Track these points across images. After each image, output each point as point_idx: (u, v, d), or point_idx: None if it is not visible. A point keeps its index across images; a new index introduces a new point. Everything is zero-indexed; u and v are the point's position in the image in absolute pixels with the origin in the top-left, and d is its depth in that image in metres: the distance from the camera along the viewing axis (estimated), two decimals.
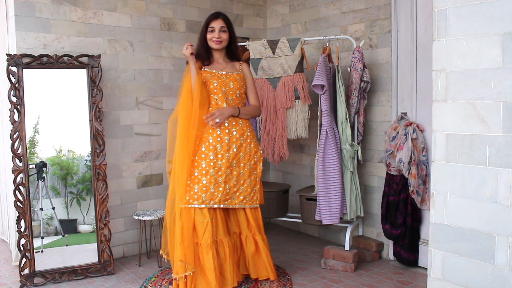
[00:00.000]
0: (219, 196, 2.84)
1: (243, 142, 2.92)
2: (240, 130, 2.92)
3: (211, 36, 2.91)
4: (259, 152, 3.02)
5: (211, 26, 2.91)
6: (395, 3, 3.43)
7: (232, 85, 2.93)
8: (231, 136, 2.88)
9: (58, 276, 3.18)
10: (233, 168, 2.90)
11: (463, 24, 1.93)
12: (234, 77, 2.95)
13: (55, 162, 3.31)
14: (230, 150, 2.88)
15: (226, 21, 2.93)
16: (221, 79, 2.91)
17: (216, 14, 2.95)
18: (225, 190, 2.87)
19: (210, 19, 2.93)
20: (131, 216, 3.72)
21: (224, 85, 2.91)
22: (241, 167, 2.92)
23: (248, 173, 2.95)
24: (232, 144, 2.88)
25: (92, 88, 3.31)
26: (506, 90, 1.81)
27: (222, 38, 2.91)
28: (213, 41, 2.91)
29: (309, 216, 3.60)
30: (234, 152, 2.89)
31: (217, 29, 2.90)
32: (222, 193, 2.85)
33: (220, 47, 2.94)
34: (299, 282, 3.17)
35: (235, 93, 2.93)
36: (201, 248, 2.79)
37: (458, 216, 2.00)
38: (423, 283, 3.03)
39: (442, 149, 2.04)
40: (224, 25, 2.91)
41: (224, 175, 2.86)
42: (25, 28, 3.20)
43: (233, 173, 2.90)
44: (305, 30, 4.21)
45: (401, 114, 3.39)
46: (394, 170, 3.33)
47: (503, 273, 1.85)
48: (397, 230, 3.33)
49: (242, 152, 2.92)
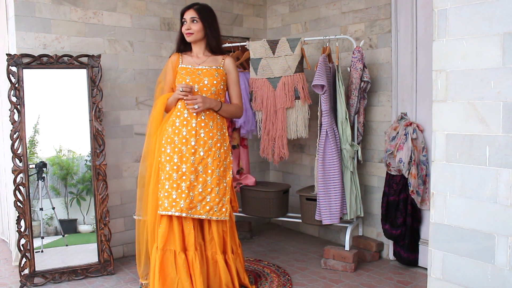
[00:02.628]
0: (180, 203, 2.57)
1: (212, 146, 2.66)
2: (209, 133, 2.66)
3: (183, 29, 2.70)
4: (229, 158, 2.76)
5: (184, 18, 2.69)
6: (395, 3, 3.43)
7: (207, 81, 2.67)
8: (198, 138, 2.63)
9: (58, 276, 3.18)
10: (199, 174, 2.63)
11: (463, 24, 1.93)
12: (210, 73, 2.69)
13: (55, 162, 3.31)
14: (196, 154, 2.63)
15: (198, 11, 2.67)
16: (195, 75, 2.68)
17: (189, 5, 2.72)
18: (189, 198, 2.59)
19: (183, 10, 2.72)
20: (131, 216, 3.72)
21: (198, 82, 2.66)
22: (208, 173, 2.65)
23: (216, 181, 2.66)
24: (199, 147, 2.63)
25: (92, 88, 3.31)
26: (506, 90, 1.81)
27: (193, 29, 2.66)
28: (185, 33, 2.69)
29: (309, 216, 3.60)
30: (201, 157, 2.63)
31: (188, 20, 2.67)
32: (185, 200, 2.58)
33: (191, 39, 2.70)
34: (299, 282, 3.17)
35: (209, 89, 2.67)
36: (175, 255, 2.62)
37: (458, 216, 2.00)
38: (423, 283, 3.03)
39: (442, 149, 2.04)
40: (196, 16, 2.65)
41: (188, 181, 2.60)
42: (25, 28, 3.20)
43: (198, 180, 2.63)
44: (305, 30, 4.21)
45: (401, 114, 3.39)
46: (394, 170, 3.33)
47: (503, 273, 1.85)
48: (397, 230, 3.33)
49: (210, 157, 2.66)
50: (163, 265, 2.61)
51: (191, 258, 2.64)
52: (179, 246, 2.62)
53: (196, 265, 2.64)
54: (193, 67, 2.72)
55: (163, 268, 2.61)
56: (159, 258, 2.60)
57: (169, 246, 2.63)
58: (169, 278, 2.62)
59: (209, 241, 2.75)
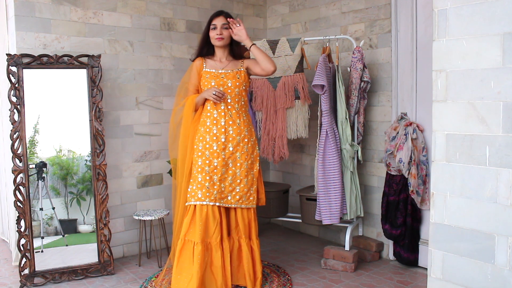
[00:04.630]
0: (214, 193, 2.84)
1: (240, 142, 2.93)
2: (237, 130, 2.92)
3: (213, 34, 2.93)
4: (256, 152, 3.02)
5: (213, 23, 2.93)
6: (395, 3, 3.43)
7: (230, 83, 2.93)
8: (227, 135, 2.89)
9: (58, 276, 3.18)
10: (228, 167, 2.90)
11: (463, 24, 1.93)
12: (233, 75, 2.95)
13: (55, 162, 3.31)
14: (226, 149, 2.89)
15: (228, 19, 2.94)
16: (219, 78, 2.93)
17: (218, 12, 2.98)
18: (220, 189, 2.87)
19: (213, 17, 2.96)
20: (131, 216, 3.72)
21: (222, 84, 2.92)
22: (237, 166, 2.92)
23: (245, 173, 2.94)
24: (228, 143, 2.90)
25: (92, 88, 3.31)
26: (506, 90, 1.82)
27: (224, 35, 2.92)
28: (216, 38, 2.92)
29: (309, 216, 3.60)
30: (230, 151, 2.90)
31: (219, 26, 2.92)
32: (217, 191, 2.85)
33: (222, 44, 2.94)
34: (299, 282, 3.17)
35: (233, 91, 2.93)
36: (211, 246, 2.83)
37: (458, 216, 2.00)
38: (423, 283, 3.03)
39: (442, 149, 2.04)
40: (226, 22, 2.93)
41: (220, 173, 2.87)
42: (25, 28, 3.20)
43: (228, 172, 2.90)
44: (305, 30, 4.21)
45: (401, 114, 3.39)
46: (394, 170, 3.33)
47: (503, 273, 1.85)
48: (397, 230, 3.33)
49: (239, 151, 2.93)
50: (181, 253, 2.82)
51: (212, 247, 2.83)
52: (199, 238, 2.79)
53: (217, 256, 2.83)
54: (216, 71, 2.96)
55: (180, 256, 2.82)
56: (179, 246, 2.83)
57: (189, 237, 2.82)
58: (185, 267, 2.81)
59: (235, 228, 2.98)
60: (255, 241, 3.02)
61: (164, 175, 3.90)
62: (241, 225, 2.97)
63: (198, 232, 2.79)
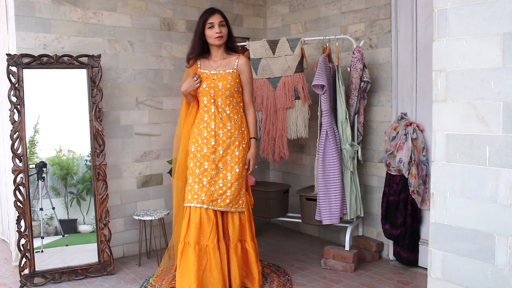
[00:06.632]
0: (202, 196, 2.83)
1: (230, 145, 2.90)
2: (227, 133, 2.89)
3: (212, 32, 2.84)
4: (246, 155, 2.96)
5: (210, 22, 2.84)
6: (395, 3, 3.43)
7: (221, 85, 2.87)
8: (217, 138, 2.88)
9: (58, 276, 3.18)
10: (219, 171, 2.88)
11: (463, 24, 1.93)
12: (224, 77, 2.88)
13: (55, 162, 3.31)
14: (216, 152, 2.88)
15: (223, 15, 2.88)
16: (210, 80, 2.89)
17: (212, 9, 2.89)
18: (209, 191, 2.84)
19: (208, 15, 2.85)
20: (131, 216, 3.72)
21: (213, 87, 2.88)
22: (228, 169, 2.89)
23: (236, 176, 2.89)
24: (218, 146, 2.88)
25: (92, 88, 3.31)
26: (506, 90, 1.81)
27: (223, 33, 2.85)
28: (216, 37, 2.84)
29: (309, 216, 3.60)
30: (220, 155, 2.88)
31: (216, 24, 2.83)
32: (206, 193, 2.83)
33: (221, 42, 2.88)
34: (299, 282, 3.17)
35: (224, 93, 2.88)
36: (208, 249, 2.82)
37: (458, 216, 2.00)
38: (423, 283, 3.03)
39: (442, 149, 2.04)
40: (223, 19, 2.86)
41: (209, 176, 2.86)
42: (25, 28, 3.20)
43: (219, 175, 2.88)
44: (305, 30, 4.21)
45: (401, 114, 3.39)
46: (394, 170, 3.33)
47: (503, 273, 1.85)
48: (397, 230, 3.33)
49: (229, 155, 2.90)
50: (182, 255, 2.84)
51: (210, 250, 2.83)
52: (193, 240, 2.80)
53: (215, 258, 2.82)
54: (209, 71, 2.92)
55: (181, 259, 2.84)
56: (180, 249, 2.85)
57: (188, 239, 2.83)
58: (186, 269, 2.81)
59: (231, 229, 2.95)
60: (250, 243, 2.99)
61: (164, 175, 3.90)
62: (230, 228, 2.93)
63: (192, 234, 2.80)
